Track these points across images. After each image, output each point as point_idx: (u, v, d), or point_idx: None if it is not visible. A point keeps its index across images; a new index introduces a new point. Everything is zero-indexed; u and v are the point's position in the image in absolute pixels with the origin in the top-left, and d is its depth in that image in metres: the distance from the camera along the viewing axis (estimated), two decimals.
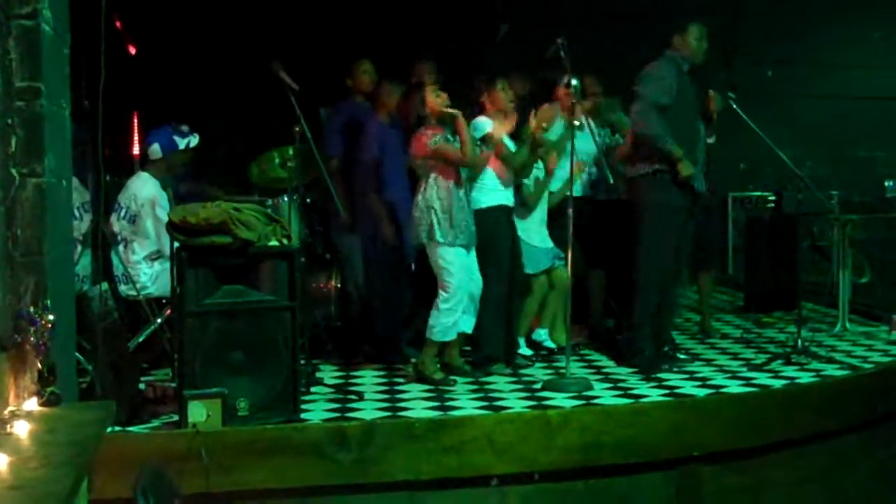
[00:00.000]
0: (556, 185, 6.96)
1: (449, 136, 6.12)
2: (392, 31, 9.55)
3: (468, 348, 6.60)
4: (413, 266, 6.90)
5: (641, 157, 6.53)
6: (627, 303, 8.17)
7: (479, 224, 6.29)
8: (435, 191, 6.08)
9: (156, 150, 6.35)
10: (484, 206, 6.41)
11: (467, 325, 6.26)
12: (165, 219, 5.70)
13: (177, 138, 6.39)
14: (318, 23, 9.44)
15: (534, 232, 6.87)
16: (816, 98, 11.03)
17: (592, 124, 7.15)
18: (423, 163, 6.14)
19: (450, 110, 6.10)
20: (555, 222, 6.91)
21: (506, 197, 6.53)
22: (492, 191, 6.45)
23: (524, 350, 6.87)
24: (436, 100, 6.15)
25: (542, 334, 7.11)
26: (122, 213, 6.33)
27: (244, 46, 8.57)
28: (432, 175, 6.10)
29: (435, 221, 6.02)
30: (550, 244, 6.92)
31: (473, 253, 6.22)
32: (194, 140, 6.46)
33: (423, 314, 6.38)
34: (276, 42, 8.31)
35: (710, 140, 7.23)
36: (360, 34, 9.16)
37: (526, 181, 6.81)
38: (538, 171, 6.87)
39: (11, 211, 4.03)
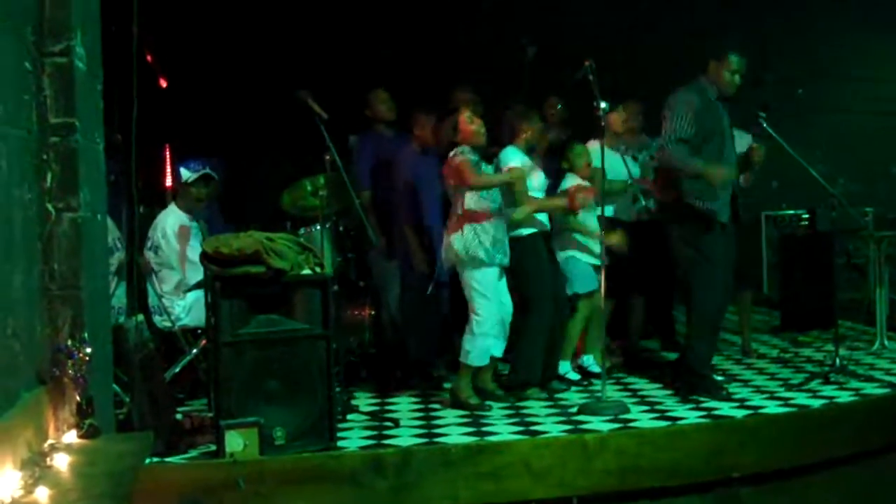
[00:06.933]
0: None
1: (478, 160, 6.12)
2: (421, 58, 9.59)
3: (504, 372, 6.59)
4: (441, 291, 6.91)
5: (669, 188, 6.45)
6: (668, 326, 8.19)
7: (518, 250, 6.29)
8: (470, 213, 6.08)
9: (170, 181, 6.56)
10: (522, 233, 6.41)
11: (498, 349, 6.24)
12: (195, 250, 5.76)
13: (183, 170, 6.51)
14: (345, 51, 9.51)
15: (590, 249, 6.86)
16: (848, 114, 10.96)
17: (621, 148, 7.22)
18: (455, 186, 6.15)
19: (514, 174, 6.21)
20: None
21: (542, 222, 6.53)
22: (528, 217, 6.44)
23: (572, 375, 6.85)
24: (470, 126, 6.15)
25: (588, 360, 7.08)
26: (149, 245, 6.42)
27: (273, 77, 8.63)
28: (466, 196, 6.10)
29: (474, 243, 6.02)
30: (598, 262, 6.88)
31: (504, 278, 6.21)
32: (194, 175, 6.51)
33: (457, 339, 6.37)
34: (305, 71, 8.37)
35: (743, 184, 7.18)
36: (387, 62, 9.22)
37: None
38: None
39: (48, 245, 4.07)
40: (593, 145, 6.91)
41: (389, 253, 7.04)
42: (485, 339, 6.06)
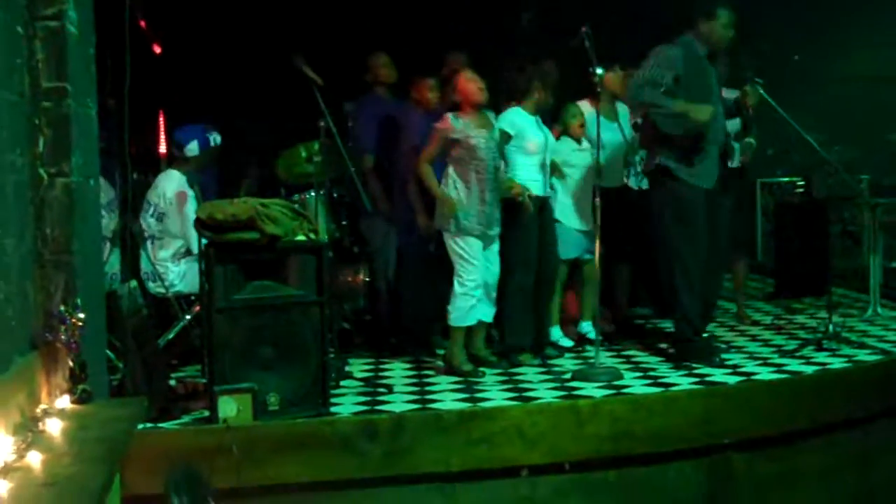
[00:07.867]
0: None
1: (470, 128, 6.10)
2: (414, 22, 9.54)
3: (496, 337, 6.61)
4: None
5: (651, 151, 6.44)
6: (658, 292, 8.18)
7: (506, 212, 6.28)
8: (451, 180, 6.09)
9: (193, 147, 6.46)
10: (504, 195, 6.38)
11: (486, 314, 6.25)
12: (193, 215, 5.74)
13: (210, 136, 6.48)
14: (339, 16, 9.45)
15: (567, 216, 6.85)
16: (844, 81, 10.93)
17: (620, 113, 7.20)
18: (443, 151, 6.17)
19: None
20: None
21: (536, 187, 6.47)
22: (519, 181, 6.41)
23: (564, 341, 6.86)
24: (469, 84, 6.13)
25: (586, 326, 7.08)
26: (151, 212, 6.37)
27: (267, 42, 8.58)
28: (450, 164, 6.10)
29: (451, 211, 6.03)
30: (583, 227, 6.88)
31: (496, 243, 6.21)
32: (219, 138, 6.53)
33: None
34: (299, 37, 8.32)
35: (749, 139, 7.15)
36: (382, 27, 9.16)
37: None
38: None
39: (40, 210, 4.07)
40: (585, 105, 6.92)
41: (390, 217, 7.00)
42: (466, 300, 6.05)
